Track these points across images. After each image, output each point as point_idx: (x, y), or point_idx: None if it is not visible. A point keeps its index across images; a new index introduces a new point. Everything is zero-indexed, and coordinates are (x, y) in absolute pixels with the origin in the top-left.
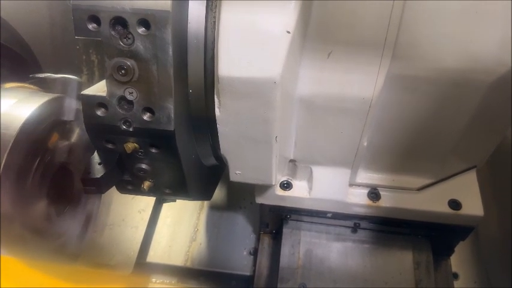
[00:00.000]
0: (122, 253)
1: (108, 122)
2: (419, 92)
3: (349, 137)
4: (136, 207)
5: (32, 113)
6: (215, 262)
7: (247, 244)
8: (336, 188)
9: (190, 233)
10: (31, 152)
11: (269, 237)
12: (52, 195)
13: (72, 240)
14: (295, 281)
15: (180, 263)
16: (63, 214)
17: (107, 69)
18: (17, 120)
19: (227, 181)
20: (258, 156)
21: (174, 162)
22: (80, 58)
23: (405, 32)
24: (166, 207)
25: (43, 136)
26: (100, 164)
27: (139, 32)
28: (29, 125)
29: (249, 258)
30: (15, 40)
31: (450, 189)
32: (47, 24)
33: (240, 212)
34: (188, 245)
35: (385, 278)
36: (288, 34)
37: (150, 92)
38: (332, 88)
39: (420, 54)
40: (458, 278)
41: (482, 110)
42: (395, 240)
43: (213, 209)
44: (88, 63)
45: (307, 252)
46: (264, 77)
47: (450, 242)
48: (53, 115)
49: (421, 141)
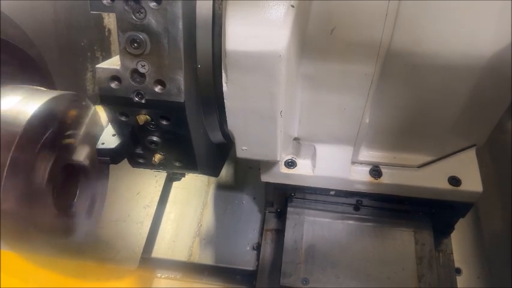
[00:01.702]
0: (128, 248)
1: (121, 94)
2: (419, 69)
3: (352, 114)
4: (142, 202)
5: (37, 109)
6: (219, 257)
7: (251, 239)
8: (339, 166)
9: (194, 229)
10: (37, 149)
11: (272, 232)
12: (57, 191)
13: (77, 236)
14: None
15: (184, 258)
16: (69, 209)
17: (120, 42)
18: (23, 116)
19: (230, 177)
20: (264, 132)
21: (183, 134)
22: (85, 55)
23: (405, 10)
24: (170, 203)
25: (49, 132)
26: (114, 135)
27: (151, 6)
28: (35, 121)
29: (253, 253)
30: (21, 39)
31: (450, 166)
32: (51, 22)
33: (243, 207)
34: (192, 240)
35: (388, 274)
36: (292, 8)
37: (161, 65)
38: (335, 64)
39: (419, 32)
40: (461, 273)
41: (479, 88)
42: (397, 219)
43: (216, 204)
44: (93, 59)
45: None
46: (270, 50)
47: (450, 219)
48: (60, 112)
49: (421, 119)
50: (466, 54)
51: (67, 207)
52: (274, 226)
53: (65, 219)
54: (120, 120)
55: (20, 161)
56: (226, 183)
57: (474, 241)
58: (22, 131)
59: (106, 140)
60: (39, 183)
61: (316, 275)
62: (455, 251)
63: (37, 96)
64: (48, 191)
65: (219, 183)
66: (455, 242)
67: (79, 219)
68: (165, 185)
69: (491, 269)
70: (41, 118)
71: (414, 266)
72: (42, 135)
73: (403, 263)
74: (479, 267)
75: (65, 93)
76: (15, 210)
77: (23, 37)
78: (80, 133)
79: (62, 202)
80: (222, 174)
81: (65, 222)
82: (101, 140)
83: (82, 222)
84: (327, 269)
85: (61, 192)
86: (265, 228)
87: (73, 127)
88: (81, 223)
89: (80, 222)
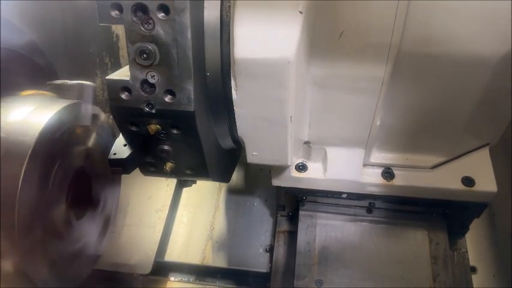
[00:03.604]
0: (140, 252)
1: (132, 104)
2: (430, 70)
3: (363, 117)
4: (153, 206)
5: (50, 119)
6: (231, 260)
7: (263, 241)
8: (351, 168)
9: (207, 232)
10: (50, 158)
11: (285, 234)
12: (71, 200)
13: (92, 243)
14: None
15: (197, 261)
16: (82, 218)
17: (130, 54)
18: (36, 127)
19: (241, 179)
20: (274, 137)
21: (194, 142)
22: (94, 61)
23: (415, 11)
24: (183, 207)
25: (61, 142)
26: (125, 145)
27: (160, 17)
28: (47, 131)
29: (265, 256)
30: (30, 47)
31: (463, 166)
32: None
33: (255, 210)
34: (205, 243)
35: (402, 273)
36: (300, 14)
37: (171, 75)
38: (344, 68)
39: (430, 33)
40: (477, 271)
41: (492, 87)
42: (410, 221)
43: (228, 207)
44: (101, 65)
45: (323, 237)
46: (279, 57)
47: (465, 219)
48: (70, 121)
49: (433, 120)
50: (477, 53)
51: (81, 215)
52: (287, 228)
53: (79, 226)
54: (131, 130)
55: (33, 171)
56: (238, 185)
57: (489, 239)
58: (35, 141)
59: (118, 150)
60: (53, 191)
61: (330, 277)
62: (470, 249)
63: (49, 106)
64: (62, 199)
65: (231, 185)
66: (470, 240)
67: (93, 227)
68: (176, 188)
69: (507, 267)
70: (53, 128)
71: (429, 266)
72: (55, 144)
73: (417, 263)
74: (495, 265)
75: (76, 102)
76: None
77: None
78: (91, 140)
79: (76, 209)
80: (233, 176)
81: (79, 229)
82: (113, 151)
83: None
84: (340, 270)
85: (75, 199)
86: (277, 230)
87: (85, 134)
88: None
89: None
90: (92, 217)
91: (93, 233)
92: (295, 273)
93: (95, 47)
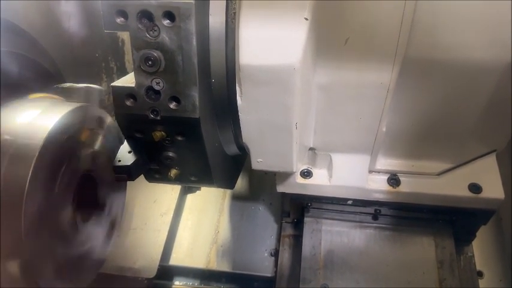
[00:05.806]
0: (145, 256)
1: (137, 111)
2: (436, 76)
3: (368, 123)
4: (158, 210)
5: (57, 122)
6: (236, 264)
7: (268, 245)
8: (356, 175)
9: (211, 236)
10: (57, 161)
11: (290, 238)
12: (78, 203)
13: (97, 247)
14: (317, 280)
15: (202, 265)
16: (88, 221)
17: (135, 60)
18: (42, 130)
19: (246, 183)
20: (279, 144)
21: (199, 149)
22: (100, 65)
23: (421, 17)
24: (187, 211)
25: (68, 144)
26: (130, 152)
27: (165, 24)
28: (54, 134)
29: (270, 260)
30: (37, 51)
31: (470, 173)
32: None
33: (260, 214)
34: (209, 247)
35: (408, 277)
36: (306, 21)
37: (176, 82)
38: (350, 74)
39: (436, 38)
40: (483, 276)
41: (499, 93)
42: (416, 228)
43: (233, 211)
44: (107, 70)
45: (328, 242)
46: (284, 64)
47: (471, 226)
48: (77, 124)
49: (439, 126)
50: (483, 60)
51: (87, 218)
52: (292, 232)
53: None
54: (136, 137)
55: (40, 174)
56: (242, 189)
57: (496, 243)
58: (42, 144)
59: (122, 157)
60: (60, 194)
61: (336, 281)
62: (477, 253)
63: (56, 109)
64: (68, 201)
65: (235, 189)
66: (476, 244)
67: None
68: (181, 192)
69: None
70: (60, 131)
71: (435, 270)
72: (62, 146)
73: (423, 267)
74: (502, 269)
75: (83, 105)
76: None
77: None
78: (98, 143)
79: (82, 212)
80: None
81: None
82: (118, 158)
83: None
84: (346, 274)
85: (81, 202)
86: (282, 234)
87: (92, 137)
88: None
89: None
90: (98, 220)
91: (99, 236)
92: (300, 277)
93: (101, 52)
